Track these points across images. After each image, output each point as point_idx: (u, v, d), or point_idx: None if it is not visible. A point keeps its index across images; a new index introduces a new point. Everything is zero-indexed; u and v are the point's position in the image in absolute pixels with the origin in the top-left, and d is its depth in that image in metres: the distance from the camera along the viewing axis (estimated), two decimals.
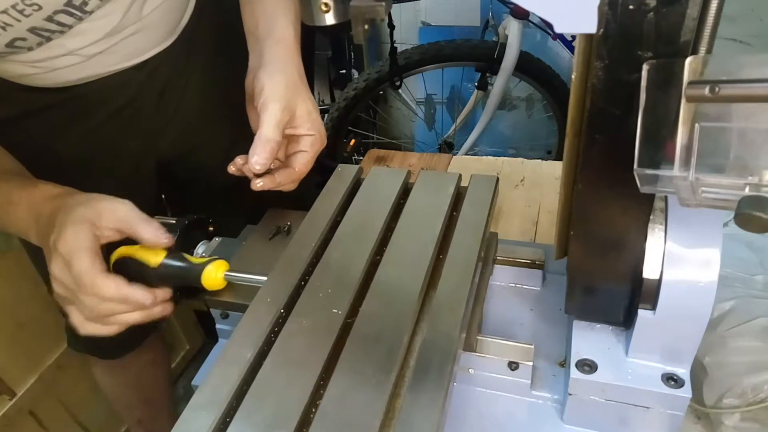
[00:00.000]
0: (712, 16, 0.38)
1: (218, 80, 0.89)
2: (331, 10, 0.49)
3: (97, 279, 0.56)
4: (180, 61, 0.84)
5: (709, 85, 0.35)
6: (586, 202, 0.50)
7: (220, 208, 0.83)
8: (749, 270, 0.82)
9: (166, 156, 0.91)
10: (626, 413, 0.55)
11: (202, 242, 0.70)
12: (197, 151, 0.93)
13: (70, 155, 0.81)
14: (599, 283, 0.55)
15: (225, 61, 0.88)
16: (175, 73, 0.85)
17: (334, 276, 0.61)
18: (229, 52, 0.85)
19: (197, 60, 0.87)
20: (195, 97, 0.88)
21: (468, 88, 2.26)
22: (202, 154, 0.93)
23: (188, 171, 0.96)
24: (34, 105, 0.76)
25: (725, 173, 0.38)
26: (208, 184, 0.96)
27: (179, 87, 0.86)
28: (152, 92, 0.83)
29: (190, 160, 0.94)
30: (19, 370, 1.22)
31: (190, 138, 0.91)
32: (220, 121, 0.91)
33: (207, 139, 0.92)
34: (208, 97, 0.90)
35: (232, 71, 0.77)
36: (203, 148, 0.93)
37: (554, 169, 1.17)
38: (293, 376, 0.50)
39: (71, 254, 0.56)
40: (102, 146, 0.83)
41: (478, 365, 0.60)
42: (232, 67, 0.78)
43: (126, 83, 0.79)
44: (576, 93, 0.46)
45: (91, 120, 0.80)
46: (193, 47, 0.85)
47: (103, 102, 0.79)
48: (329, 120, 2.04)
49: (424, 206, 0.69)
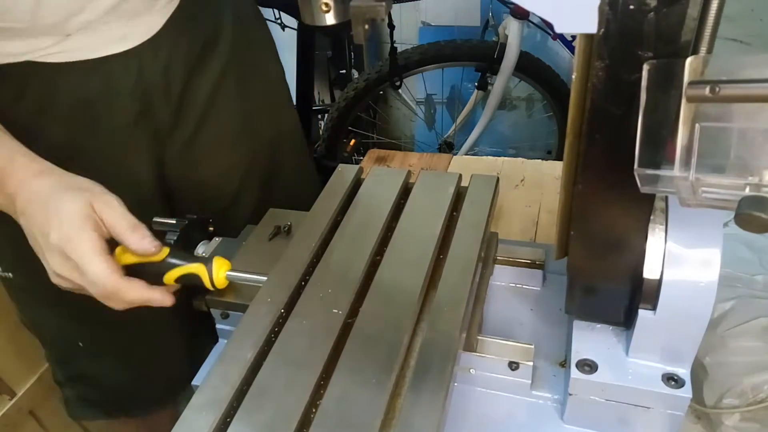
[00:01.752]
0: (712, 16, 0.38)
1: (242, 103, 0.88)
2: (331, 10, 0.49)
3: (119, 285, 0.57)
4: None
5: (710, 85, 0.35)
6: (586, 202, 0.50)
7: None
8: (749, 270, 0.82)
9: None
10: (626, 413, 0.55)
11: (202, 242, 0.71)
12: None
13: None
14: (599, 283, 0.55)
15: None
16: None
17: (334, 276, 0.61)
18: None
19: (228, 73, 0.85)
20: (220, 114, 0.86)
21: (468, 88, 2.26)
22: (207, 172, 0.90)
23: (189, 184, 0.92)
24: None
25: (725, 173, 0.38)
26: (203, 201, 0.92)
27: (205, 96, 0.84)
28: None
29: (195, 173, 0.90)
30: (19, 370, 1.22)
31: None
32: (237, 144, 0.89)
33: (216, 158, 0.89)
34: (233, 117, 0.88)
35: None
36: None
37: (554, 169, 1.17)
38: (293, 376, 0.50)
39: (83, 259, 0.56)
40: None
41: (479, 365, 0.60)
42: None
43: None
44: (576, 93, 0.46)
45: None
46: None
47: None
48: (329, 120, 2.04)
49: (424, 206, 0.69)
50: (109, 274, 0.56)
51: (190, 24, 0.79)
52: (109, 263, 0.57)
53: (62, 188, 0.59)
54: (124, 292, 0.57)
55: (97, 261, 0.56)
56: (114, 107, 0.75)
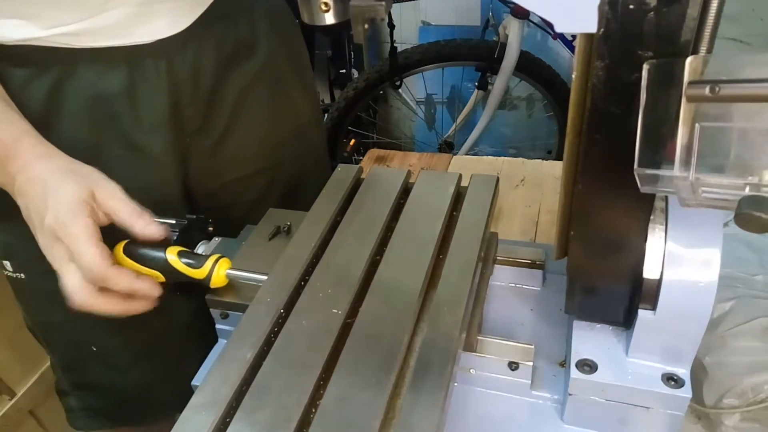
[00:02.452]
0: (712, 16, 0.38)
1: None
2: (331, 10, 0.49)
3: (109, 272, 0.57)
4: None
5: (710, 85, 0.35)
6: (586, 202, 0.50)
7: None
8: (749, 270, 0.82)
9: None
10: (626, 413, 0.55)
11: (202, 242, 0.70)
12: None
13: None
14: (599, 283, 0.55)
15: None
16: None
17: (334, 276, 0.61)
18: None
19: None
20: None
21: (468, 88, 2.26)
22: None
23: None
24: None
25: (725, 173, 0.38)
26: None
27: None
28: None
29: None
30: (19, 370, 1.22)
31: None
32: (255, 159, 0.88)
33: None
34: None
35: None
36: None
37: (554, 169, 1.17)
38: (293, 376, 0.50)
39: (76, 244, 0.56)
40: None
41: (479, 365, 0.60)
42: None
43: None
44: (576, 93, 0.46)
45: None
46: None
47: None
48: (329, 120, 2.04)
49: (424, 206, 0.69)
50: (101, 261, 0.56)
51: (222, 24, 0.77)
52: (102, 250, 0.57)
53: (62, 173, 0.59)
54: (112, 279, 0.57)
55: (90, 246, 0.56)
56: (137, 104, 0.74)
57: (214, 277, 0.61)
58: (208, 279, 0.61)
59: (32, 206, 0.59)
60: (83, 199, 0.58)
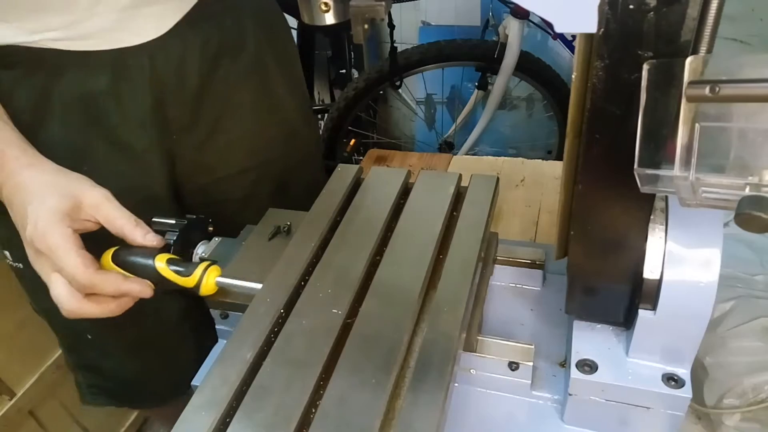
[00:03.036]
0: (712, 16, 0.38)
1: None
2: (331, 10, 0.49)
3: (94, 278, 0.57)
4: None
5: (710, 85, 0.35)
6: (586, 202, 0.50)
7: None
8: (749, 270, 0.82)
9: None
10: (626, 413, 0.55)
11: (202, 242, 0.70)
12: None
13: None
14: (599, 283, 0.55)
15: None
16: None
17: (334, 276, 0.60)
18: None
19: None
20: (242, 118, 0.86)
21: (468, 88, 2.26)
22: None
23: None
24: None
25: (725, 173, 0.38)
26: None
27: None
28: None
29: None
30: (19, 370, 1.22)
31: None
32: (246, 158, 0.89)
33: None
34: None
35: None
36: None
37: (554, 169, 1.17)
38: (293, 376, 0.50)
39: (57, 254, 0.56)
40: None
41: (479, 365, 0.60)
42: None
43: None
44: (576, 93, 0.46)
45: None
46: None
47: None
48: (329, 120, 2.04)
49: (424, 206, 0.69)
50: (84, 269, 0.57)
51: (208, 23, 0.78)
52: (83, 258, 0.57)
53: (44, 185, 0.60)
54: (98, 285, 0.57)
55: (71, 255, 0.56)
56: (123, 103, 0.75)
57: (203, 285, 0.61)
58: (197, 287, 0.61)
59: (17, 217, 0.60)
60: (62, 210, 0.58)
